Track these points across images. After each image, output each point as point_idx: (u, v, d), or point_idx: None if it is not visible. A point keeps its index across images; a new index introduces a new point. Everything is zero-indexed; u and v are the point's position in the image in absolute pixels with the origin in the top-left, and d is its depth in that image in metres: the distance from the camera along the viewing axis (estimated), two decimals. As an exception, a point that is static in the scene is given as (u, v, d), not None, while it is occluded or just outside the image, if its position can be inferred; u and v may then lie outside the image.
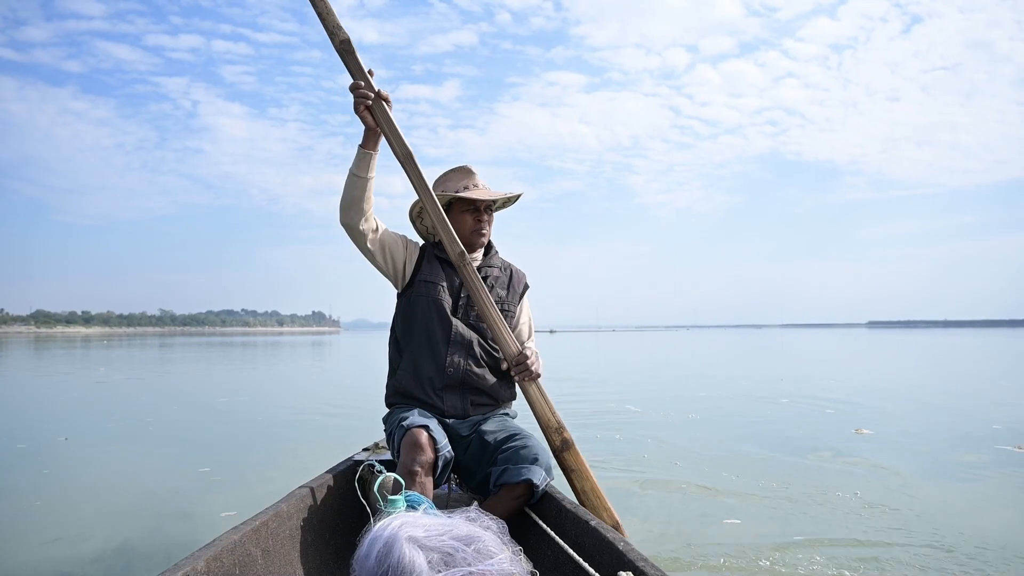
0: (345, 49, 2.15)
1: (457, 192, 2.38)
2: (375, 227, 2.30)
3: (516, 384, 2.51)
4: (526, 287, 2.57)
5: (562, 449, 2.24)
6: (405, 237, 2.45)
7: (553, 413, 2.27)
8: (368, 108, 2.15)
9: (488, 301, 2.26)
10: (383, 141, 2.21)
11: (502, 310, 2.41)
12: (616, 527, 2.14)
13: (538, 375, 2.29)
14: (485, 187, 2.44)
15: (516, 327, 2.49)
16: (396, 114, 2.19)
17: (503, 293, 2.46)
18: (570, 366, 17.20)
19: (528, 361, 2.25)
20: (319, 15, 2.14)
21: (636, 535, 3.08)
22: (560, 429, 2.25)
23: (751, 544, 3.08)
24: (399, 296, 2.46)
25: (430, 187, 2.25)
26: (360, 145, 2.20)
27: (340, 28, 2.15)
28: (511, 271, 2.55)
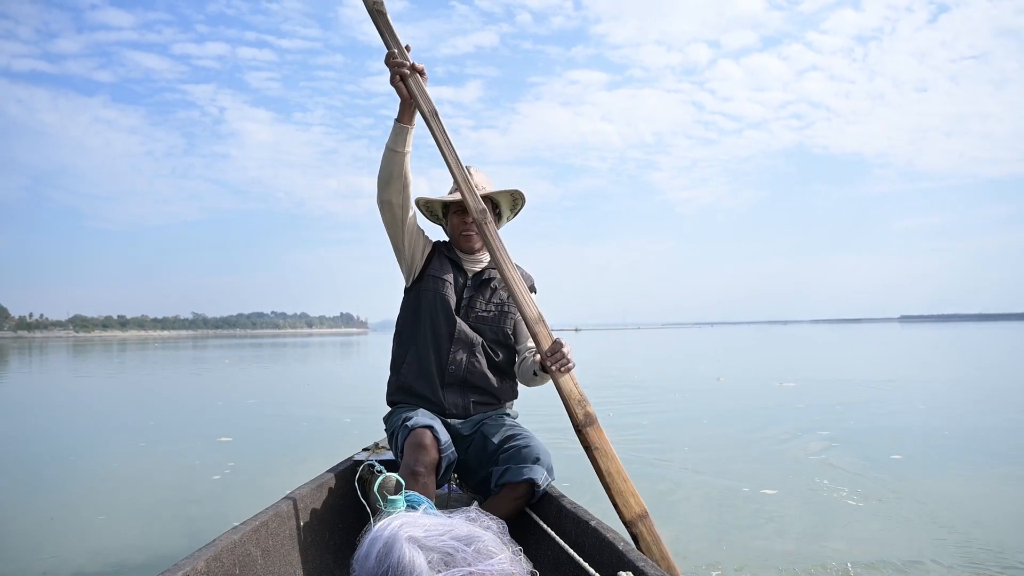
0: (378, 10, 2.12)
1: (444, 197, 2.39)
2: (411, 206, 2.31)
3: (517, 384, 2.50)
4: (532, 289, 2.52)
5: (585, 424, 2.03)
6: (424, 232, 2.47)
7: (576, 385, 2.08)
8: (403, 79, 2.13)
9: (508, 262, 2.17)
10: (419, 116, 2.19)
11: (501, 312, 2.41)
12: (644, 516, 1.96)
13: (573, 365, 2.10)
14: (477, 186, 2.36)
15: (521, 324, 2.46)
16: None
17: (504, 296, 2.43)
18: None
19: (564, 349, 2.07)
20: None
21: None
22: (583, 402, 2.05)
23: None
24: (407, 291, 2.46)
25: (455, 148, 2.19)
26: (396, 119, 2.19)
27: None
28: (518, 273, 2.53)
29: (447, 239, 2.55)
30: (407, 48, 2.15)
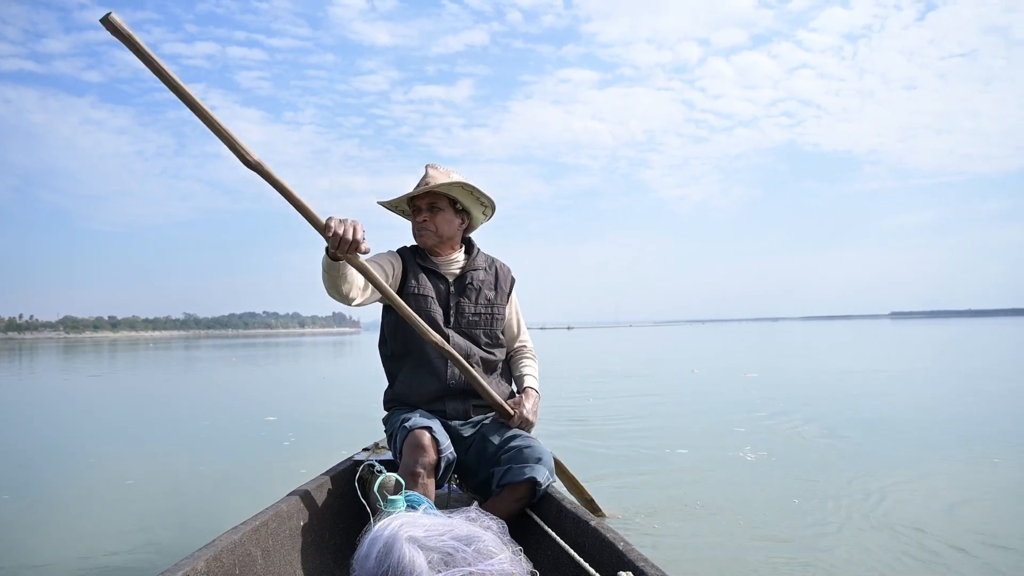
0: (259, 171, 1.85)
1: (400, 196, 2.38)
2: (363, 288, 2.12)
3: (516, 384, 2.51)
4: (513, 282, 2.53)
5: None
6: (389, 254, 2.36)
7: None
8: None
9: (479, 375, 2.23)
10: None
11: (491, 312, 2.40)
12: (592, 503, 2.69)
13: (532, 425, 2.34)
14: (427, 182, 2.33)
15: (507, 323, 2.49)
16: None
17: (491, 295, 2.43)
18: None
19: (526, 426, 2.31)
20: (225, 143, 1.82)
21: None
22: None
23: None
24: (387, 308, 2.33)
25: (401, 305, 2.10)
26: (327, 255, 1.93)
27: (248, 152, 1.83)
28: (496, 269, 2.50)
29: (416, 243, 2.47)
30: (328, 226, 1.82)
